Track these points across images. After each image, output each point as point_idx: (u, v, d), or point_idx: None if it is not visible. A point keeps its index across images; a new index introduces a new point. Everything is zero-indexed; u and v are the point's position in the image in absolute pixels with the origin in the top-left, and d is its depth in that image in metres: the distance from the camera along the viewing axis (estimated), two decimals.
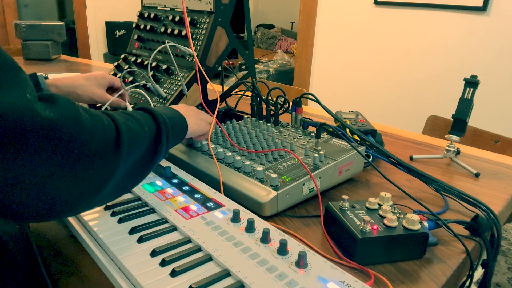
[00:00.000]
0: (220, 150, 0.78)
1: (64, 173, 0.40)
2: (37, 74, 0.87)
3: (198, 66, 0.93)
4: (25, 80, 0.40)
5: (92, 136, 0.43)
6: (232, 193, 0.69)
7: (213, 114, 0.84)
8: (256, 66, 3.05)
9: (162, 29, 1.06)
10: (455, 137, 0.92)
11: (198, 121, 0.76)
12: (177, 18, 1.04)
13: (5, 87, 0.37)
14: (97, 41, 4.09)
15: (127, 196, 0.66)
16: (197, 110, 0.80)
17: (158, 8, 1.13)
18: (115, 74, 1.13)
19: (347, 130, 0.85)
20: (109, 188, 0.47)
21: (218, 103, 0.92)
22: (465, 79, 0.91)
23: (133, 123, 0.52)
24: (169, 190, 0.68)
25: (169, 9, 1.10)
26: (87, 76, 0.95)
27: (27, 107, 0.37)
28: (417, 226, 0.57)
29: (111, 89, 1.01)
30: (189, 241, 0.54)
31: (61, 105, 0.41)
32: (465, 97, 0.91)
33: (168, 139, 0.58)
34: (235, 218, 0.58)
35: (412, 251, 0.58)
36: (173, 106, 0.74)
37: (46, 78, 0.89)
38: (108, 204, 0.62)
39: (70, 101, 0.43)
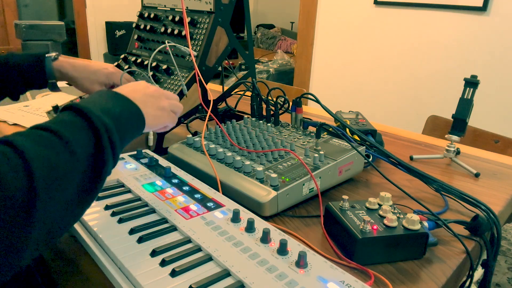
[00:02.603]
0: (220, 150, 0.78)
1: None
2: (46, 56, 0.84)
3: (196, 70, 0.93)
4: None
5: None
6: (232, 193, 0.69)
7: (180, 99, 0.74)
8: (256, 66, 3.05)
9: (162, 29, 1.06)
10: (455, 137, 0.92)
11: (157, 113, 0.59)
12: (177, 18, 1.04)
13: None
14: (97, 41, 4.09)
15: (127, 196, 0.66)
16: (157, 96, 0.61)
17: (158, 8, 1.12)
18: None
19: (347, 130, 0.85)
20: (29, 251, 0.36)
21: (211, 107, 0.92)
22: (465, 79, 0.91)
23: (55, 150, 0.38)
24: (169, 190, 0.67)
25: (169, 9, 1.10)
26: (95, 71, 0.90)
27: None
28: (417, 226, 0.57)
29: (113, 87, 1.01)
30: (189, 241, 0.54)
31: None
32: (465, 97, 0.91)
33: (114, 148, 0.45)
34: (235, 218, 0.58)
35: (412, 251, 0.58)
36: (125, 90, 0.56)
37: (55, 59, 0.86)
38: (108, 204, 0.62)
39: None
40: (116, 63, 1.16)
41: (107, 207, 0.62)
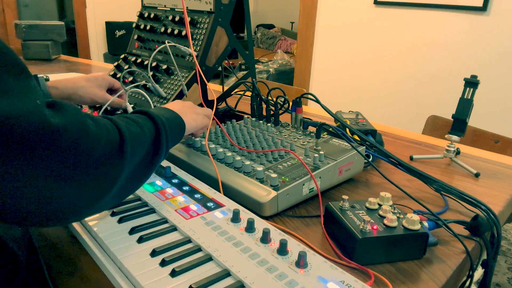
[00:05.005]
0: (220, 150, 0.78)
1: (70, 179, 0.40)
2: (38, 76, 0.86)
3: (197, 67, 0.93)
4: (35, 86, 0.40)
5: (98, 142, 0.43)
6: (232, 193, 0.69)
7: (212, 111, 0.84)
8: (256, 66, 3.05)
9: (162, 29, 1.06)
10: (455, 137, 0.92)
11: (194, 116, 0.77)
12: (177, 18, 1.04)
13: (17, 93, 0.37)
14: (97, 41, 4.09)
15: None
16: (191, 106, 0.80)
17: (158, 8, 1.13)
18: (115, 74, 1.13)
19: (347, 130, 0.85)
20: (113, 192, 0.47)
21: (215, 106, 0.92)
22: (465, 79, 0.91)
23: (133, 127, 0.52)
24: (169, 190, 0.68)
25: (169, 9, 1.10)
26: (88, 78, 0.94)
27: (38, 114, 0.37)
28: (417, 226, 0.57)
29: (111, 90, 1.01)
30: (189, 241, 0.54)
31: (69, 112, 0.42)
32: (465, 97, 0.91)
33: (168, 140, 0.59)
34: (235, 218, 0.58)
35: (412, 251, 0.58)
36: (168, 105, 0.74)
37: (47, 80, 0.89)
38: None
39: (76, 109, 0.43)
40: (116, 63, 1.16)
41: None
